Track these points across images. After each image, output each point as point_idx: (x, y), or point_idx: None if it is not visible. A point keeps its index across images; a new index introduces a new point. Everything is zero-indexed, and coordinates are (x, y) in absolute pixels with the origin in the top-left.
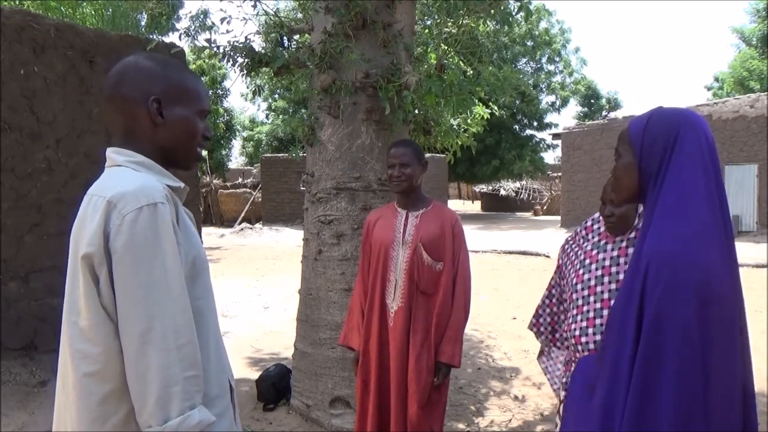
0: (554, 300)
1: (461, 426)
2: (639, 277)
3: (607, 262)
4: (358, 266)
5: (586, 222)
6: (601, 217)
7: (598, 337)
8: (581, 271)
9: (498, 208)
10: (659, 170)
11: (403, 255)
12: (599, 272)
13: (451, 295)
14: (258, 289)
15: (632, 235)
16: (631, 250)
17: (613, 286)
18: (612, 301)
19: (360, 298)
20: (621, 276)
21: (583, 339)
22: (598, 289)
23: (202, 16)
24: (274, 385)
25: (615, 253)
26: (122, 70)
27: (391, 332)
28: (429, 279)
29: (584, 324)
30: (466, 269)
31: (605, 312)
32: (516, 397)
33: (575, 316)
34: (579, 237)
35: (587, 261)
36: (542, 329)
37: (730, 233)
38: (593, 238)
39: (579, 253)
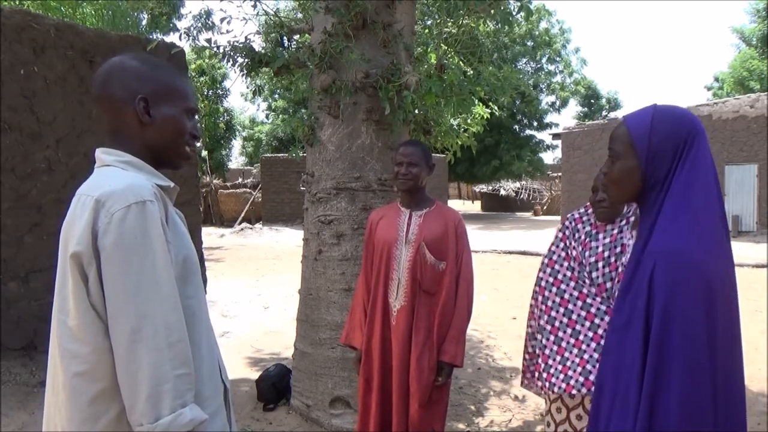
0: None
1: (461, 426)
2: (646, 274)
3: (600, 249)
4: (361, 265)
5: (574, 215)
6: (590, 210)
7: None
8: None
9: (498, 208)
10: (667, 175)
11: (406, 254)
12: (593, 259)
13: (454, 294)
14: (258, 289)
15: (623, 222)
16: (621, 237)
17: (607, 269)
18: (607, 284)
19: (363, 297)
20: (613, 259)
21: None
22: (594, 275)
23: (205, 16)
24: (274, 385)
25: (607, 240)
26: (108, 70)
27: (393, 331)
28: (432, 278)
29: None
30: (469, 269)
31: (602, 296)
32: (516, 397)
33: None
34: (570, 229)
35: (581, 248)
36: (528, 376)
37: (728, 235)
38: (584, 228)
39: (576, 245)
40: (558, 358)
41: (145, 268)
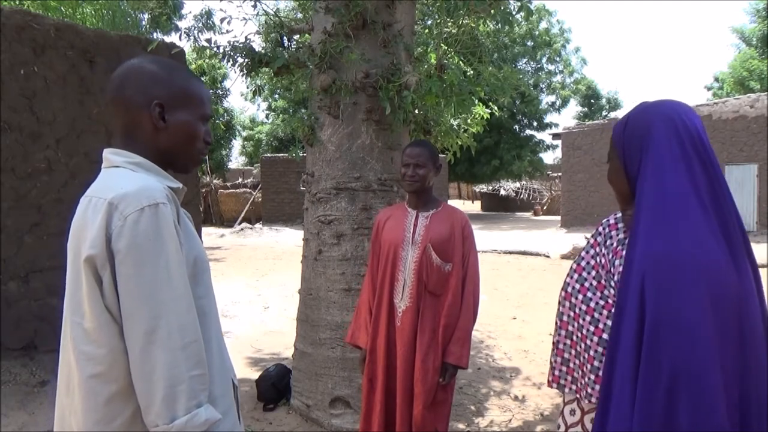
0: (567, 340)
1: (461, 426)
2: (637, 282)
3: None
4: (367, 265)
5: (609, 220)
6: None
7: None
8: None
9: (498, 208)
10: (638, 171)
11: (413, 255)
12: (621, 267)
13: (459, 296)
14: (258, 289)
15: None
16: None
17: None
18: None
19: (368, 297)
20: None
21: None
22: (621, 285)
23: (205, 16)
24: (274, 385)
25: None
26: (126, 73)
27: (398, 332)
28: (438, 279)
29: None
30: (475, 271)
31: None
32: (516, 397)
33: None
34: (603, 236)
35: (611, 256)
36: (562, 381)
37: (727, 221)
38: (618, 235)
39: (606, 252)
40: (588, 365)
41: (159, 270)
